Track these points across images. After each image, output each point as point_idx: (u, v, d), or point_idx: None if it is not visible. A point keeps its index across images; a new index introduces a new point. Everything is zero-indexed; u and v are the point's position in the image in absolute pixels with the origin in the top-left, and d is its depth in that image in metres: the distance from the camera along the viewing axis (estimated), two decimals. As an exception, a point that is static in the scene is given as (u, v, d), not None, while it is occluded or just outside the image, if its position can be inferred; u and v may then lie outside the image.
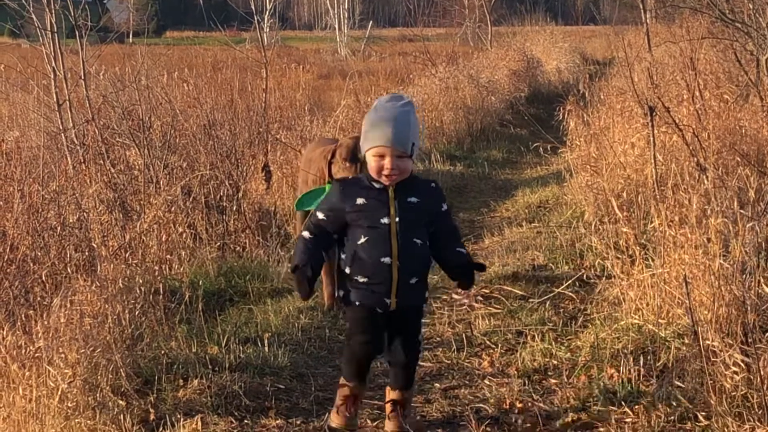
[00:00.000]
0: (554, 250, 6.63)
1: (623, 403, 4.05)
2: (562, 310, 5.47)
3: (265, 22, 21.40)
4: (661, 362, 4.40)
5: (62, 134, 7.93)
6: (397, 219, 3.65)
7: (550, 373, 4.57)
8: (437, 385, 4.52)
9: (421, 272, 3.73)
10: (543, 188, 9.40)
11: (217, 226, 6.95)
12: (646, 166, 6.99)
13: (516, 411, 4.12)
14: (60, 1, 8.48)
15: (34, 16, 8.50)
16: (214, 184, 7.18)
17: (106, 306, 4.66)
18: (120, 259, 5.72)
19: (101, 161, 7.37)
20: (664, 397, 4.04)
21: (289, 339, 5.14)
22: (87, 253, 5.76)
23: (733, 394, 3.82)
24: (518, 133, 13.56)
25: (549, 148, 9.16)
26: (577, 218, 7.44)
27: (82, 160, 7.40)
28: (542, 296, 5.61)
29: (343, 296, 3.77)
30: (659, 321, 4.73)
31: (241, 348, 4.81)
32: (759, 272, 4.46)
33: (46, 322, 4.26)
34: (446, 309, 5.61)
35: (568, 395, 4.24)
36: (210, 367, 4.47)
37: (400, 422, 3.86)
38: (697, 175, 5.90)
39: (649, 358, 4.41)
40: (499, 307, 5.54)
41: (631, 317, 4.89)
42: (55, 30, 8.19)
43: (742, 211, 4.77)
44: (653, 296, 4.87)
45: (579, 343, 4.89)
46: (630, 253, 5.32)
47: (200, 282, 5.67)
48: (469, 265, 3.75)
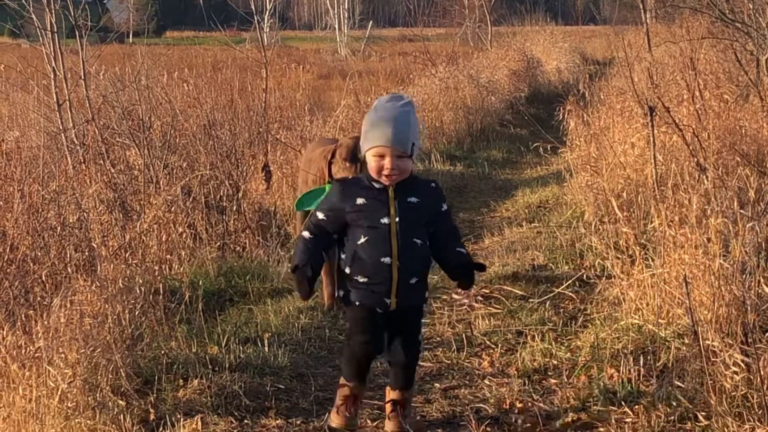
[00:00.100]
0: (554, 250, 6.62)
1: (623, 403, 4.05)
2: (562, 310, 5.47)
3: (265, 22, 21.39)
4: (661, 362, 4.40)
5: (62, 134, 7.93)
6: (397, 219, 3.65)
7: (550, 373, 4.57)
8: (437, 385, 4.51)
9: (421, 272, 3.73)
10: (543, 188, 9.40)
11: (217, 226, 6.95)
12: (646, 166, 6.99)
13: (516, 411, 4.12)
14: (60, 1, 8.48)
15: (34, 16, 8.50)
16: (214, 184, 7.18)
17: (106, 306, 4.66)
18: (120, 259, 5.72)
19: (101, 161, 7.37)
20: (664, 397, 4.04)
21: (289, 339, 5.14)
22: (87, 253, 5.76)
23: (733, 394, 3.82)
24: (518, 133, 13.56)
25: (549, 148, 9.15)
26: (577, 218, 7.44)
27: (82, 160, 7.40)
28: (542, 296, 5.61)
29: (343, 296, 3.77)
30: (659, 321, 4.73)
31: (241, 348, 4.81)
32: (759, 272, 4.46)
33: (46, 322, 4.26)
34: (446, 309, 5.61)
35: (568, 395, 4.24)
36: (210, 367, 4.46)
37: (400, 422, 3.86)
38: (697, 175, 5.90)
39: (649, 358, 4.41)
40: (499, 307, 5.54)
41: (631, 317, 4.89)
42: (55, 30, 8.19)
43: (742, 211, 4.76)
44: (653, 296, 4.87)
45: (579, 343, 4.88)
46: (630, 253, 5.32)
47: (200, 282, 5.67)
48: (469, 265, 3.75)
